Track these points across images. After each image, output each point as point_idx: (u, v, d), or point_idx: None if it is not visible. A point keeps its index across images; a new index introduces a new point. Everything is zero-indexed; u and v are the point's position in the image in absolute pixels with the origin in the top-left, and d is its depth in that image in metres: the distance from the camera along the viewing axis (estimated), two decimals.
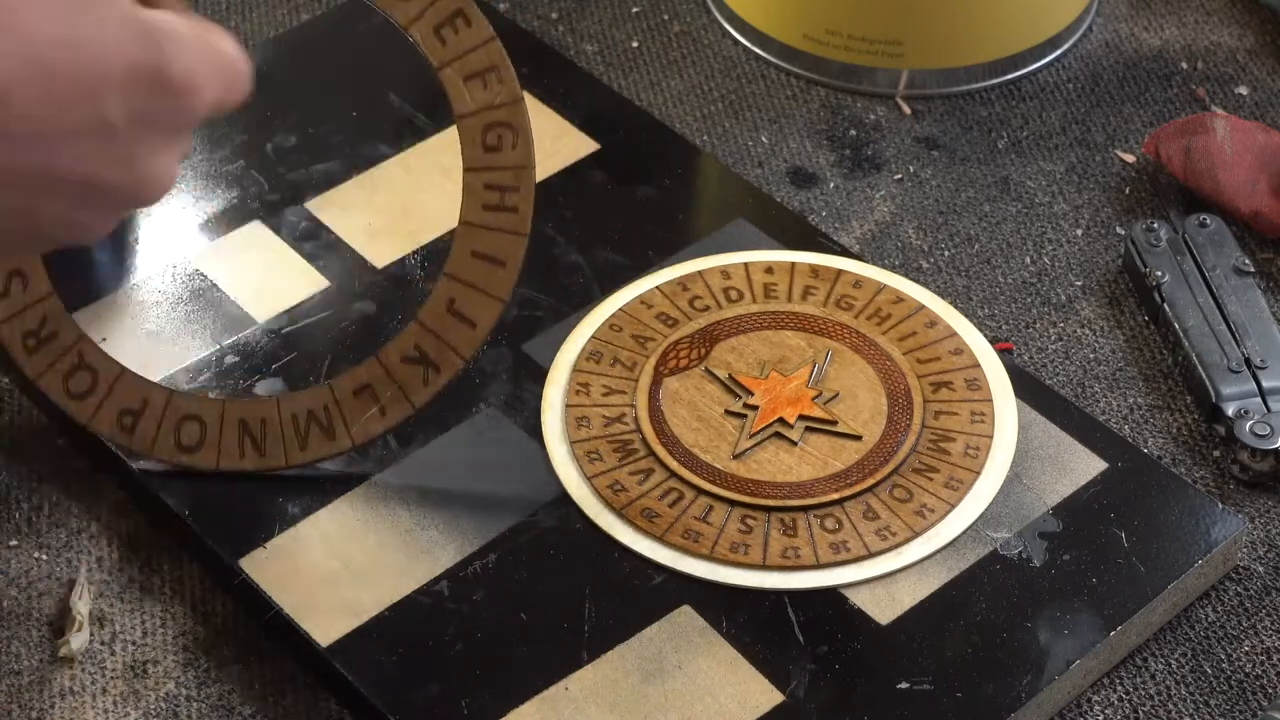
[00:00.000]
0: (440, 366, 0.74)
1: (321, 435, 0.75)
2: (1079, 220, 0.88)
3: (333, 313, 0.82)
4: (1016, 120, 0.93)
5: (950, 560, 0.73)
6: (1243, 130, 0.88)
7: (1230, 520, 0.74)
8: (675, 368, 0.79)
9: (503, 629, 0.71)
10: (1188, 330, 0.81)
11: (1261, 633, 0.73)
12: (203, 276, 0.83)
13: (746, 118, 0.93)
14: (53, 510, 0.77)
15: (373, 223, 0.85)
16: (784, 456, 0.76)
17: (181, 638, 0.73)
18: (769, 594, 0.72)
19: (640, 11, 0.99)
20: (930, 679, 0.69)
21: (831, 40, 0.93)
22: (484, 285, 0.74)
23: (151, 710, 0.71)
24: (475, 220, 0.74)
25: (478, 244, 0.74)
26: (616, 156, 0.89)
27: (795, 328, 0.80)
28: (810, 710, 0.69)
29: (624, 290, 0.82)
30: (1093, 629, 0.71)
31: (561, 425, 0.77)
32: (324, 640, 0.70)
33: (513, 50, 0.94)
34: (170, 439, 0.75)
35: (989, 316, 0.84)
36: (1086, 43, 0.97)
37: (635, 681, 0.69)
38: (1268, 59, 0.96)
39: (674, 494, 0.75)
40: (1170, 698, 0.71)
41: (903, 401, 0.78)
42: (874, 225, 0.88)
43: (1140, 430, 0.80)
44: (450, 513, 0.74)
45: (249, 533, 0.74)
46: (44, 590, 0.74)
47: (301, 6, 0.99)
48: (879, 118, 0.93)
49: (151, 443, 0.75)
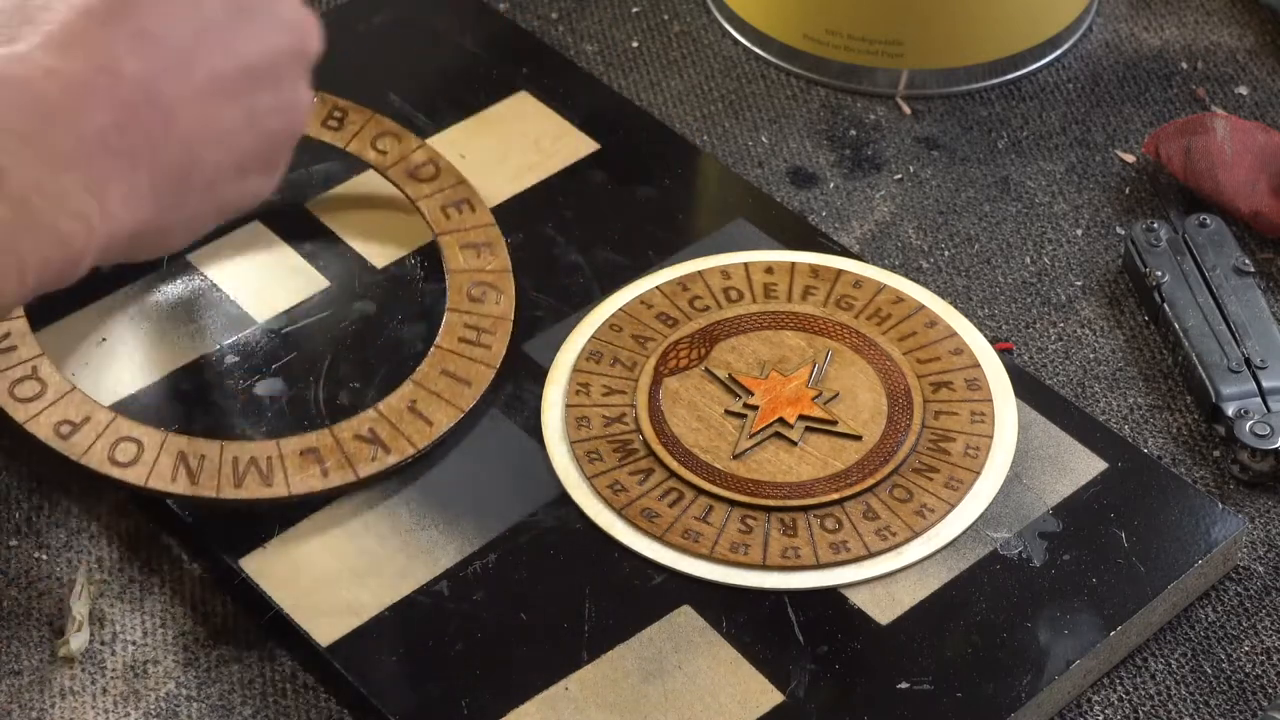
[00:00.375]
0: (391, 450, 0.76)
1: (259, 480, 0.74)
2: (1079, 220, 0.88)
3: (333, 313, 0.82)
4: (1016, 120, 0.93)
5: (950, 560, 0.73)
6: (1243, 130, 0.88)
7: (1230, 520, 0.74)
8: (675, 368, 0.79)
9: (503, 629, 0.71)
10: (1188, 330, 0.81)
11: (1261, 633, 0.73)
12: (203, 276, 0.83)
13: (746, 118, 0.93)
14: (53, 510, 0.77)
15: (373, 223, 0.85)
16: (784, 456, 0.76)
17: (181, 638, 0.73)
18: (769, 594, 0.72)
19: (640, 11, 0.99)
20: (930, 679, 0.69)
21: (831, 40, 0.93)
22: (448, 397, 0.77)
23: (151, 710, 0.71)
24: (449, 347, 0.78)
25: (449, 365, 0.78)
26: (616, 156, 0.89)
27: (795, 328, 0.80)
28: (810, 710, 0.69)
29: (624, 290, 0.82)
30: (1093, 629, 0.71)
31: (561, 425, 0.77)
32: (324, 640, 0.70)
33: (513, 50, 0.94)
34: (104, 452, 0.75)
35: (989, 316, 0.84)
36: (1086, 43, 0.97)
37: (635, 681, 0.69)
38: (1268, 59, 0.96)
39: (674, 494, 0.75)
40: (1170, 698, 0.71)
41: (903, 401, 0.78)
42: (874, 225, 0.88)
43: (1140, 430, 0.80)
44: (450, 513, 0.74)
45: (249, 533, 0.74)
46: (44, 590, 0.74)
47: None
48: (879, 118, 0.93)
49: (84, 452, 0.75)
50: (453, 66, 0.93)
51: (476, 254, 0.82)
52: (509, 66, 0.93)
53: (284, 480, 0.74)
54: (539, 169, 0.88)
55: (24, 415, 0.76)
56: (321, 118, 0.86)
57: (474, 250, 0.82)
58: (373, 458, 0.75)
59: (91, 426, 0.75)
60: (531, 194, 0.87)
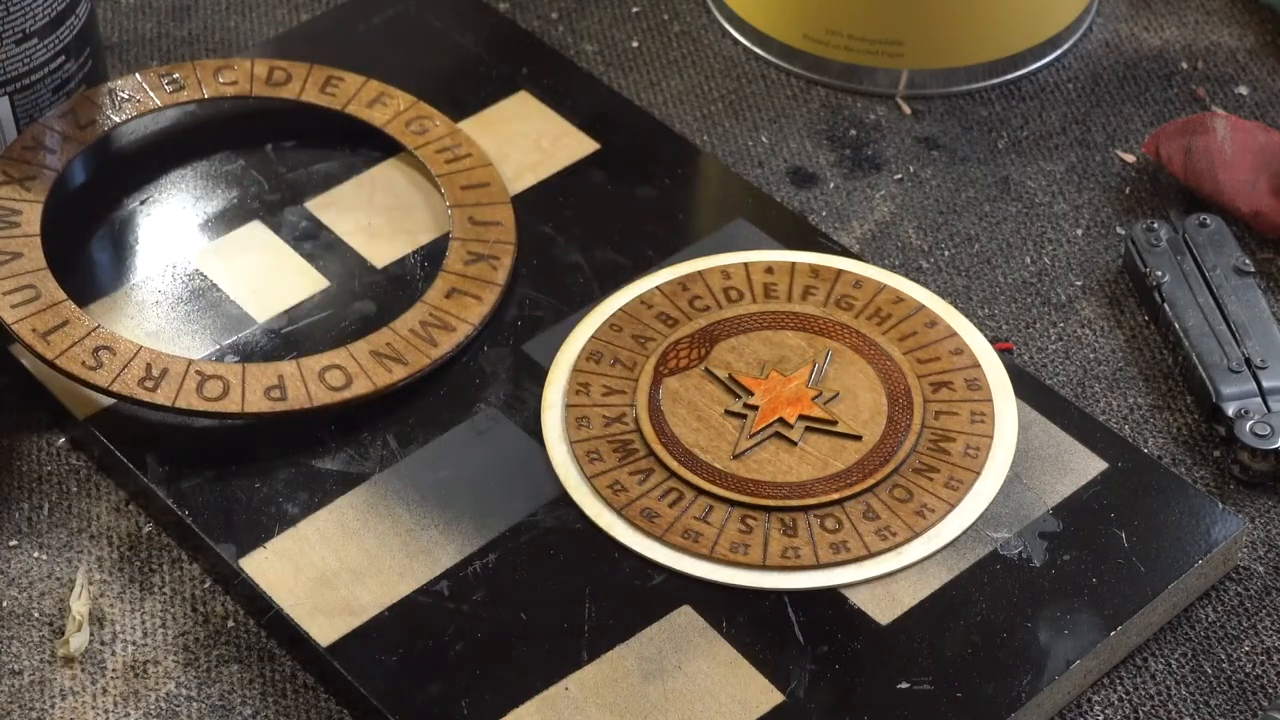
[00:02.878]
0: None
1: (443, 331, 0.79)
2: (1079, 220, 0.88)
3: (333, 313, 0.82)
4: (1016, 120, 0.93)
5: (950, 560, 0.73)
6: (1243, 130, 0.88)
7: (1230, 520, 0.74)
8: (675, 368, 0.79)
9: (503, 629, 0.71)
10: (1188, 330, 0.81)
11: (1261, 633, 0.73)
12: (203, 276, 0.83)
13: (746, 118, 0.93)
14: (53, 510, 0.77)
15: (373, 223, 0.85)
16: (784, 456, 0.76)
17: (181, 638, 0.73)
18: (769, 594, 0.72)
19: (640, 11, 0.99)
20: (930, 679, 0.69)
21: (831, 40, 0.93)
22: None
23: (151, 710, 0.71)
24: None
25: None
26: (616, 156, 0.89)
27: (795, 328, 0.80)
28: (810, 710, 0.69)
29: (624, 290, 0.82)
30: (1093, 629, 0.71)
31: (561, 425, 0.77)
32: (324, 640, 0.70)
33: (513, 50, 0.94)
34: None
35: (989, 316, 0.84)
36: (1086, 43, 0.97)
37: (635, 681, 0.69)
38: (1268, 59, 0.96)
39: (674, 494, 0.75)
40: (1170, 698, 0.71)
41: (903, 401, 0.78)
42: (874, 225, 0.88)
43: (1140, 430, 0.80)
44: (450, 513, 0.74)
45: (249, 533, 0.74)
46: (44, 590, 0.74)
47: (301, 6, 0.99)
48: (879, 118, 0.93)
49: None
50: (453, 66, 0.93)
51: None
52: (509, 66, 0.93)
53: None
54: (539, 169, 0.88)
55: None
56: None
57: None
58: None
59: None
60: (531, 194, 0.87)
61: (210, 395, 0.76)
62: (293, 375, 0.77)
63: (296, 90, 0.87)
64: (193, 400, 0.76)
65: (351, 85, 0.88)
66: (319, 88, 0.88)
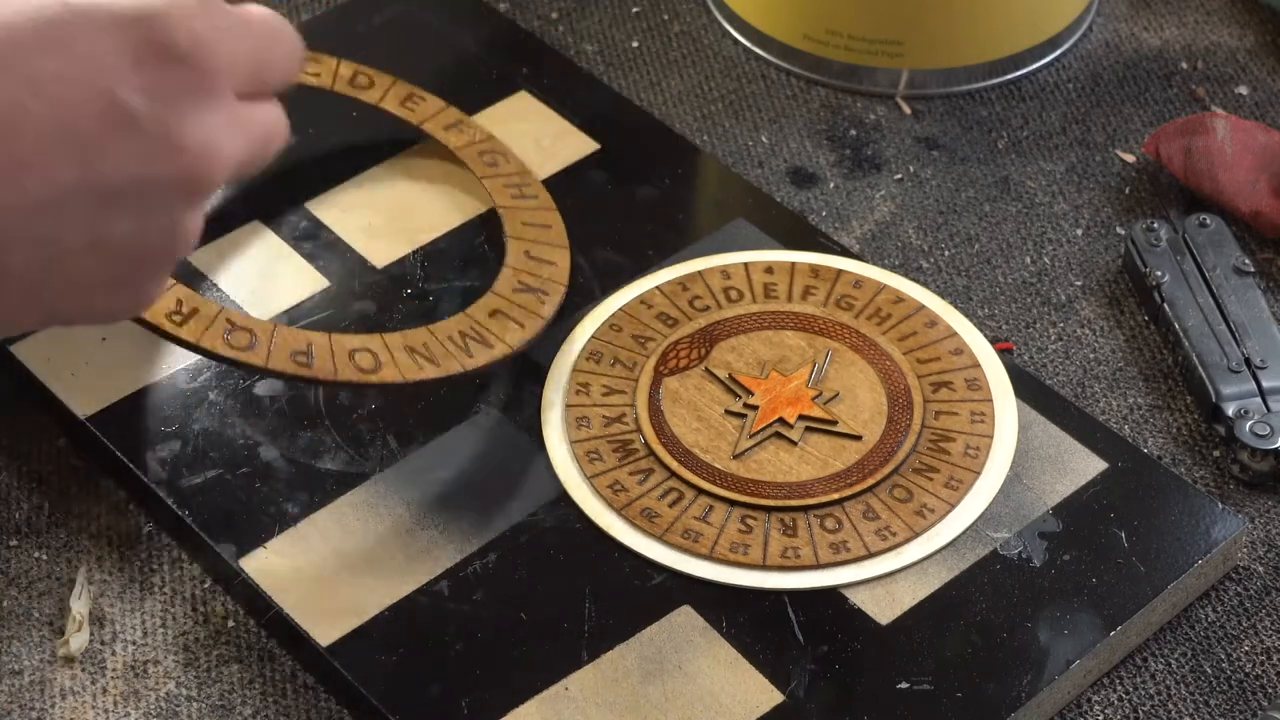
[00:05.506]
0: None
1: (480, 346, 0.78)
2: (1079, 220, 0.88)
3: (333, 313, 0.82)
4: (1016, 120, 0.93)
5: (950, 560, 0.73)
6: (1243, 130, 0.88)
7: (1230, 520, 0.74)
8: (675, 368, 0.79)
9: (503, 629, 0.71)
10: (1188, 330, 0.81)
11: (1261, 633, 0.73)
12: (203, 276, 0.83)
13: (746, 118, 0.93)
14: (53, 510, 0.77)
15: (373, 223, 0.85)
16: (784, 456, 0.76)
17: (181, 638, 0.73)
18: (769, 594, 0.72)
19: (640, 11, 0.99)
20: (930, 679, 0.69)
21: (831, 40, 0.93)
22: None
23: (151, 710, 0.71)
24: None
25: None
26: (616, 156, 0.89)
27: (795, 328, 0.80)
28: (810, 710, 0.69)
29: (624, 290, 0.82)
30: (1093, 629, 0.71)
31: (561, 425, 0.77)
32: (324, 640, 0.70)
33: (513, 50, 0.94)
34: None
35: (989, 316, 0.84)
36: (1086, 43, 0.97)
37: (635, 681, 0.69)
38: (1268, 59, 0.96)
39: (674, 494, 0.75)
40: (1170, 698, 0.71)
41: (903, 401, 0.78)
42: (874, 225, 0.88)
43: (1140, 430, 0.80)
44: (450, 513, 0.74)
45: (249, 533, 0.74)
46: (44, 590, 0.74)
47: (301, 6, 0.99)
48: (879, 118, 0.93)
49: (333, 373, 0.75)
50: (453, 66, 0.93)
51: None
52: (509, 66, 0.93)
53: (500, 340, 0.78)
54: (539, 169, 0.88)
55: (260, 359, 0.75)
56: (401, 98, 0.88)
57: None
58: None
59: (319, 350, 0.76)
60: None
61: (237, 345, 0.75)
62: (322, 346, 0.75)
63: (377, 98, 0.87)
64: (217, 344, 0.74)
65: (431, 107, 0.87)
66: (399, 102, 0.88)
